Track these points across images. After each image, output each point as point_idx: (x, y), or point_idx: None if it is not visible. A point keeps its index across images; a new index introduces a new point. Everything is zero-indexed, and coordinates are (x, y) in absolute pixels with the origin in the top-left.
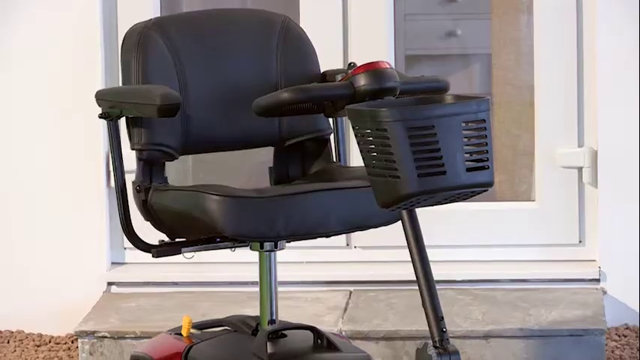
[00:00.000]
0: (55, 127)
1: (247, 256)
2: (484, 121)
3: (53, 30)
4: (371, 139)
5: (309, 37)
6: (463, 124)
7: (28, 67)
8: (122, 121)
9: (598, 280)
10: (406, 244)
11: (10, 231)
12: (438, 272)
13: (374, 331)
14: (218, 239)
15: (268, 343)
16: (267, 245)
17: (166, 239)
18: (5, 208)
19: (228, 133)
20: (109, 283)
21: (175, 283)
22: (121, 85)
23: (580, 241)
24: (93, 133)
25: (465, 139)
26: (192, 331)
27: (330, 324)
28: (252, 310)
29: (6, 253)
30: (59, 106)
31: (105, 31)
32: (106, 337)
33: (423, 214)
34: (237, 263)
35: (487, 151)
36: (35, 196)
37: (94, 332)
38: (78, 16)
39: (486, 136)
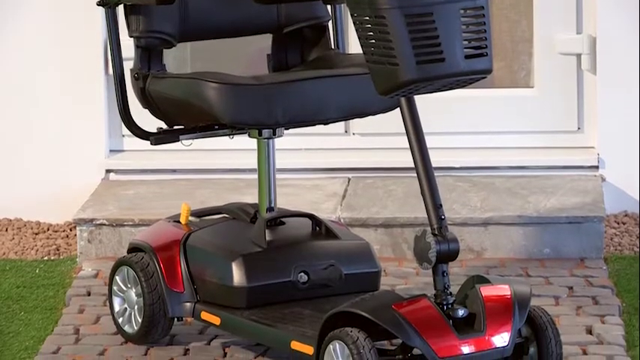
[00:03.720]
0: (54, 14)
1: (246, 143)
2: (482, 7)
3: None
4: (369, 26)
5: None
6: (461, 11)
7: None
8: (120, 9)
9: (597, 167)
10: (405, 132)
11: (8, 120)
12: (436, 159)
13: (372, 218)
14: (216, 126)
15: (267, 231)
16: (266, 132)
17: (164, 127)
18: (4, 97)
19: (226, 20)
20: (108, 171)
21: (174, 171)
22: None
23: (579, 128)
24: (91, 20)
25: (464, 26)
26: (190, 218)
27: (328, 211)
28: (251, 197)
29: (4, 141)
30: None
31: None
32: (104, 224)
33: (421, 101)
34: (236, 150)
35: (486, 38)
36: (34, 85)
37: (92, 220)
38: None
39: (485, 22)
